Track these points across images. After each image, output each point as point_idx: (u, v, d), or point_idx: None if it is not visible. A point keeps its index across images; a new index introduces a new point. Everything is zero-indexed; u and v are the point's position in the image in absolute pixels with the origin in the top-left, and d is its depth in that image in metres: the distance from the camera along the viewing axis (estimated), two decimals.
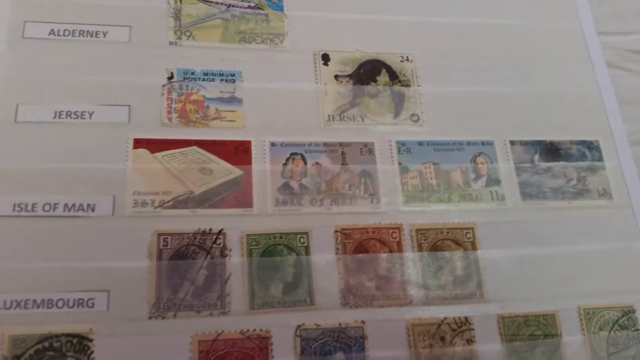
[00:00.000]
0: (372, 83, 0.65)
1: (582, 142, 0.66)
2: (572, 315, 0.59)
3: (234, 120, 0.60)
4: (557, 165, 0.65)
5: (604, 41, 0.73)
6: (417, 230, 0.59)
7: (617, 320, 0.59)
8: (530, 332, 0.57)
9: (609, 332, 0.59)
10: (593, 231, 0.62)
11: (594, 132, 0.67)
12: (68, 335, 0.49)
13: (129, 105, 0.58)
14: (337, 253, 0.57)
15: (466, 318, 0.56)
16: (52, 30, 0.59)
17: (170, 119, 0.58)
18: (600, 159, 0.66)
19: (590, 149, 0.66)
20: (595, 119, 0.68)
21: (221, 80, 0.61)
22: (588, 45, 0.72)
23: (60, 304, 0.50)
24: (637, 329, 0.59)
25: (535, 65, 0.69)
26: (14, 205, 0.53)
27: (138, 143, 0.57)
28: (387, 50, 0.66)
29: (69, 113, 0.57)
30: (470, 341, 0.56)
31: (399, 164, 0.61)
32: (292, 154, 0.60)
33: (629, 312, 0.60)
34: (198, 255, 0.54)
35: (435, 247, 0.59)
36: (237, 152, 0.58)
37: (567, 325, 0.58)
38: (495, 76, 0.67)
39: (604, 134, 0.67)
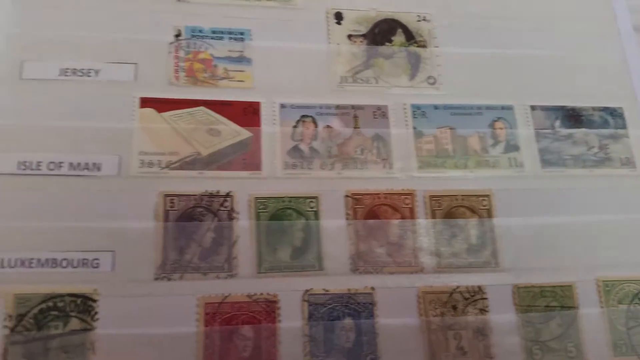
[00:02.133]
0: (387, 43, 0.62)
1: (605, 109, 0.64)
2: (590, 287, 0.57)
3: (242, 81, 0.58)
4: (578, 132, 0.62)
5: (632, 4, 0.70)
6: (431, 196, 0.57)
7: (638, 293, 0.57)
8: (546, 303, 0.56)
9: (629, 306, 0.57)
10: (614, 201, 0.60)
11: (618, 98, 0.64)
12: (72, 295, 0.49)
13: (136, 64, 0.57)
14: (347, 218, 0.55)
15: (479, 287, 0.55)
16: None
17: (177, 78, 0.57)
18: (624, 126, 0.63)
19: (613, 116, 0.64)
20: (620, 85, 0.65)
21: (230, 38, 0.59)
22: (615, 8, 0.69)
23: (64, 263, 0.50)
24: None
25: (559, 27, 0.66)
26: (18, 163, 0.52)
27: (144, 102, 0.55)
28: (403, 9, 0.63)
29: (74, 70, 0.56)
30: (483, 310, 0.54)
31: (414, 128, 0.59)
32: (302, 116, 0.58)
33: None
34: (205, 218, 0.53)
35: (449, 214, 0.57)
36: (245, 114, 0.57)
37: (585, 298, 0.56)
38: (516, 38, 0.65)
39: (628, 101, 0.65)
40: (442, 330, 0.53)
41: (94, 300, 0.49)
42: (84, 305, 0.49)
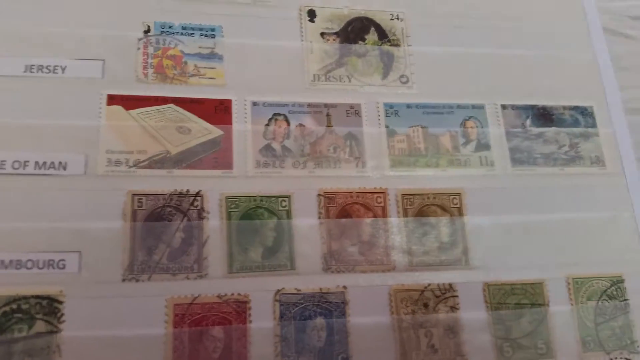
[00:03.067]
0: (360, 42, 0.62)
1: (576, 108, 0.64)
2: (560, 284, 0.57)
3: (213, 78, 0.57)
4: (549, 131, 0.63)
5: (602, 6, 0.71)
6: (403, 195, 0.57)
7: (606, 290, 0.58)
8: (517, 300, 0.56)
9: (597, 302, 0.58)
10: (584, 199, 0.61)
11: (588, 98, 0.65)
12: (37, 297, 0.48)
13: (103, 60, 0.55)
14: (319, 217, 0.55)
15: (450, 285, 0.55)
16: None
17: (146, 75, 0.56)
18: (594, 125, 0.64)
19: (583, 115, 0.64)
20: (590, 85, 0.66)
21: (201, 35, 0.58)
22: (585, 9, 0.69)
23: (29, 264, 0.49)
24: (625, 299, 0.58)
25: (530, 27, 0.67)
26: None
27: (112, 99, 0.54)
28: (376, 8, 0.63)
29: (40, 67, 0.54)
30: (454, 308, 0.54)
31: (386, 127, 0.59)
32: (274, 114, 0.57)
33: (617, 282, 0.59)
34: (174, 217, 0.52)
35: (421, 213, 0.57)
36: (216, 111, 0.56)
37: (555, 295, 0.57)
38: (488, 38, 0.65)
39: (598, 100, 0.65)
40: (413, 329, 0.53)
41: (60, 302, 0.48)
42: (50, 307, 0.48)
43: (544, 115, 0.63)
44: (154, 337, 0.48)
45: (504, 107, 0.62)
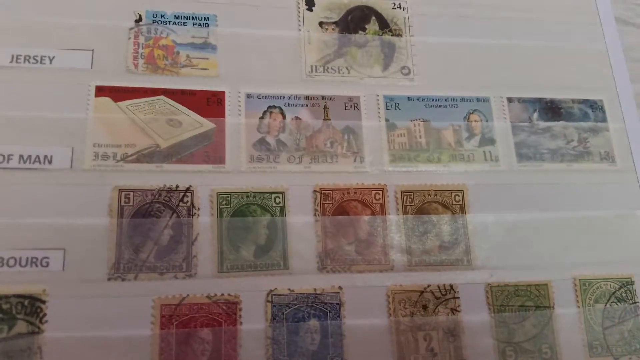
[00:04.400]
0: (360, 32, 0.60)
1: (585, 102, 0.62)
2: (566, 286, 0.55)
3: (206, 69, 0.55)
4: (556, 125, 0.60)
5: None
6: (403, 191, 0.55)
7: (614, 292, 0.56)
8: (521, 302, 0.54)
9: (605, 305, 0.55)
10: (593, 197, 0.59)
11: (598, 91, 0.63)
12: (19, 296, 0.46)
13: (92, 50, 0.54)
14: (315, 214, 0.53)
15: (451, 286, 0.53)
16: None
17: (136, 65, 0.54)
18: (604, 119, 0.61)
19: (593, 109, 0.62)
20: (600, 77, 0.63)
21: (194, 24, 0.56)
22: None
23: (11, 262, 0.47)
24: (635, 302, 0.56)
25: (539, 17, 0.64)
26: None
27: (100, 91, 0.52)
28: None
29: (27, 57, 0.53)
30: (455, 310, 0.52)
31: (386, 120, 0.57)
32: (269, 107, 0.55)
33: (627, 283, 0.56)
34: (163, 214, 0.50)
35: (421, 210, 0.55)
36: (209, 104, 0.54)
37: (561, 297, 0.55)
38: (494, 28, 0.63)
39: (609, 93, 0.63)
40: (411, 331, 0.51)
41: (43, 302, 0.46)
42: (32, 306, 0.46)
43: (551, 109, 0.61)
44: (140, 339, 0.47)
45: (510, 100, 0.60)
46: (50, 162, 0.50)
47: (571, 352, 0.53)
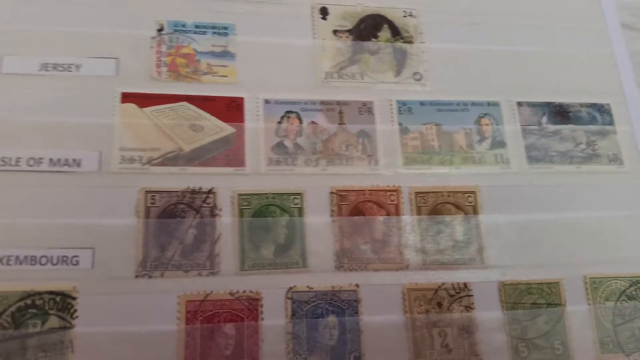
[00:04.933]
0: (372, 39, 0.62)
1: (593, 105, 0.63)
2: (577, 284, 0.56)
3: (226, 76, 0.57)
4: (565, 129, 0.62)
5: (620, 1, 0.69)
6: (417, 193, 0.56)
7: (625, 290, 0.57)
8: (533, 300, 0.55)
9: (616, 303, 0.56)
10: (601, 197, 0.60)
11: (606, 95, 0.64)
12: (51, 293, 0.48)
13: (117, 58, 0.56)
14: (332, 215, 0.54)
15: (465, 284, 0.54)
16: None
17: (159, 73, 0.56)
18: (612, 123, 0.63)
19: (601, 113, 0.63)
20: (608, 82, 0.65)
21: (213, 33, 0.58)
22: (603, 4, 0.68)
23: (43, 260, 0.49)
24: None
25: (546, 23, 0.66)
26: None
27: (126, 97, 0.54)
28: (389, 5, 0.63)
29: (55, 65, 0.55)
30: (468, 308, 0.54)
31: (399, 124, 0.59)
32: (287, 112, 0.57)
33: (637, 282, 0.57)
34: (187, 214, 0.52)
35: (434, 211, 0.56)
36: (229, 109, 0.56)
37: (572, 295, 0.56)
38: (503, 34, 0.64)
39: (616, 97, 0.64)
40: (427, 328, 0.52)
41: (74, 298, 0.48)
42: (63, 303, 0.48)
43: (560, 113, 0.62)
44: (166, 334, 0.48)
45: (519, 104, 0.62)
46: (79, 165, 0.52)
47: (583, 348, 0.54)
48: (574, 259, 0.57)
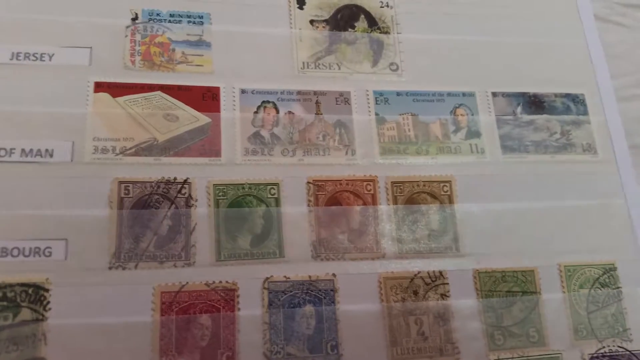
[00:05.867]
0: (349, 29, 0.62)
1: (567, 95, 0.64)
2: (552, 272, 0.57)
3: (201, 65, 0.57)
4: (540, 118, 0.62)
5: None
6: (393, 182, 0.57)
7: (598, 278, 0.58)
8: (508, 288, 0.56)
9: (589, 290, 0.57)
10: (575, 187, 0.61)
11: (580, 85, 0.65)
12: (23, 285, 0.47)
13: (91, 47, 0.55)
14: (308, 205, 0.55)
15: (441, 272, 0.55)
16: None
17: (133, 62, 0.55)
18: (585, 113, 0.64)
19: (575, 103, 0.64)
20: (582, 72, 0.66)
21: (188, 22, 0.58)
22: None
23: (15, 252, 0.48)
24: (618, 287, 0.58)
25: (521, 14, 0.66)
26: None
27: (99, 87, 0.54)
28: None
29: (27, 54, 0.54)
30: (444, 296, 0.54)
31: (376, 114, 0.59)
32: (263, 102, 0.57)
33: (610, 269, 0.58)
34: (162, 205, 0.51)
35: (410, 201, 0.57)
36: (204, 99, 0.55)
37: (547, 283, 0.57)
38: (479, 25, 0.65)
39: (590, 88, 0.65)
40: (403, 316, 0.53)
41: (46, 290, 0.48)
42: (36, 295, 0.47)
43: (535, 103, 0.63)
44: (141, 325, 0.48)
45: (494, 94, 0.62)
46: (51, 155, 0.51)
47: (557, 335, 0.55)
48: (549, 248, 0.58)
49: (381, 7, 0.63)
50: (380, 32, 0.62)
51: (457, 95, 0.61)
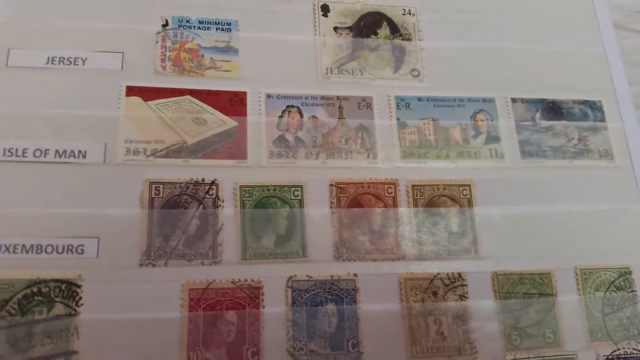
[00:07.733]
0: (372, 36, 0.63)
1: (585, 102, 0.65)
2: (568, 275, 0.58)
3: (229, 71, 0.58)
4: (558, 124, 0.63)
5: (612, 1, 0.71)
6: (413, 186, 0.58)
7: (614, 281, 0.59)
8: (525, 290, 0.57)
9: (605, 293, 0.58)
10: (592, 191, 0.61)
11: (598, 92, 0.66)
12: (57, 281, 0.49)
13: (122, 52, 0.57)
14: (331, 207, 0.56)
15: (459, 274, 0.56)
16: None
17: (164, 67, 0.57)
18: (603, 119, 0.65)
19: (592, 109, 0.65)
20: (599, 80, 0.67)
21: (217, 29, 0.60)
22: (595, 4, 0.70)
23: (49, 249, 0.50)
24: (633, 290, 0.59)
25: (541, 22, 0.67)
26: (4, 150, 0.52)
27: (131, 91, 0.56)
28: (389, 3, 0.64)
29: (61, 59, 0.56)
30: (463, 297, 0.55)
31: (397, 119, 0.60)
32: (288, 106, 0.59)
33: (625, 273, 0.59)
34: (190, 205, 0.53)
35: (431, 204, 0.58)
36: (231, 103, 0.57)
37: (563, 285, 0.58)
38: (498, 32, 0.66)
39: (607, 94, 0.66)
40: (422, 316, 0.54)
41: (79, 286, 0.49)
42: (69, 290, 0.49)
43: (553, 109, 0.64)
44: (170, 321, 0.50)
45: (514, 100, 0.63)
46: (84, 156, 0.53)
47: (573, 336, 0.56)
48: (566, 251, 0.59)
49: (403, 14, 0.64)
50: (402, 39, 0.63)
51: (477, 100, 0.62)
